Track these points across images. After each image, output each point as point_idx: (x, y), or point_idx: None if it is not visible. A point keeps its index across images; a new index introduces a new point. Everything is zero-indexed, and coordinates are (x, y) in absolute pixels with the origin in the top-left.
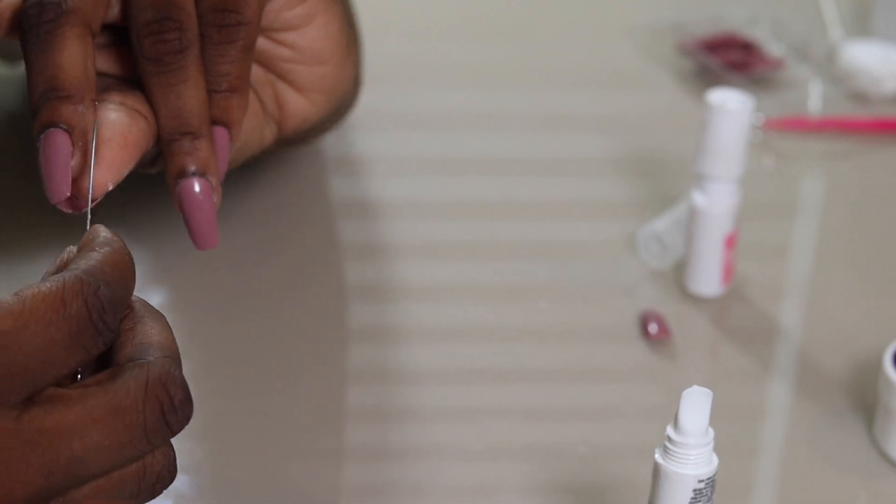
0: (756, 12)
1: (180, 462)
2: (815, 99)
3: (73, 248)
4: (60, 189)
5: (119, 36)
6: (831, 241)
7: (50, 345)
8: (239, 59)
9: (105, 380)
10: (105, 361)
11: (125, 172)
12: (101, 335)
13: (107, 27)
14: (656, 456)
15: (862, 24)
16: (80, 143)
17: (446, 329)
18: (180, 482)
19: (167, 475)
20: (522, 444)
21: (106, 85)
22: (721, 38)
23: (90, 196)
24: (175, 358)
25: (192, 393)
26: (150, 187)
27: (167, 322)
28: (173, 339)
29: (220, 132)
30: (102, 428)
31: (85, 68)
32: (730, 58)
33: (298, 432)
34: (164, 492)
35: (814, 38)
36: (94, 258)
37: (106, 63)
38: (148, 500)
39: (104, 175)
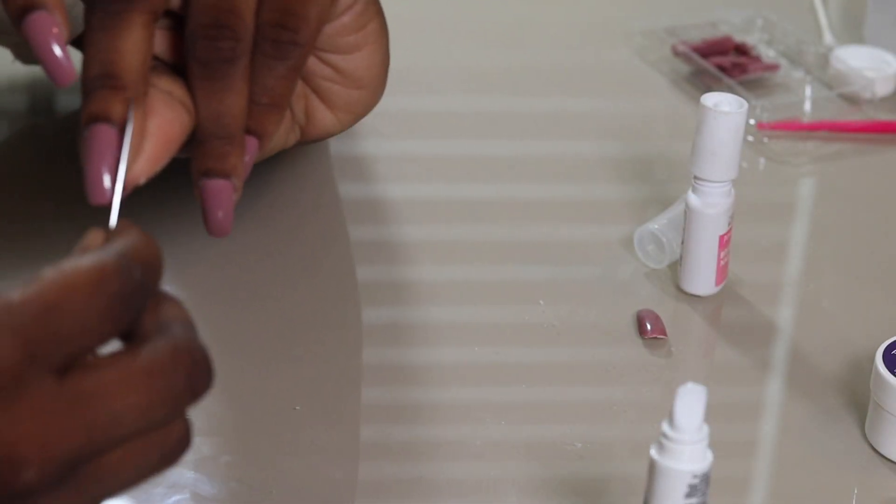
0: (751, 17)
1: (195, 459)
2: (807, 102)
3: (97, 231)
4: (101, 189)
5: (173, 20)
6: (824, 240)
7: (87, 316)
8: (285, 77)
9: (133, 348)
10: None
11: (160, 167)
12: (130, 314)
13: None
14: (652, 451)
15: (854, 31)
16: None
17: (445, 327)
18: (194, 480)
19: (186, 442)
20: (520, 441)
21: (155, 66)
22: (716, 43)
23: (121, 187)
24: (195, 330)
25: (210, 393)
26: (166, 183)
27: (183, 304)
28: (190, 316)
29: (251, 141)
30: (137, 389)
31: (144, 59)
32: (724, 61)
33: (303, 429)
34: (170, 487)
35: (807, 43)
36: (130, 243)
37: (158, 46)
38: (168, 467)
39: (141, 169)
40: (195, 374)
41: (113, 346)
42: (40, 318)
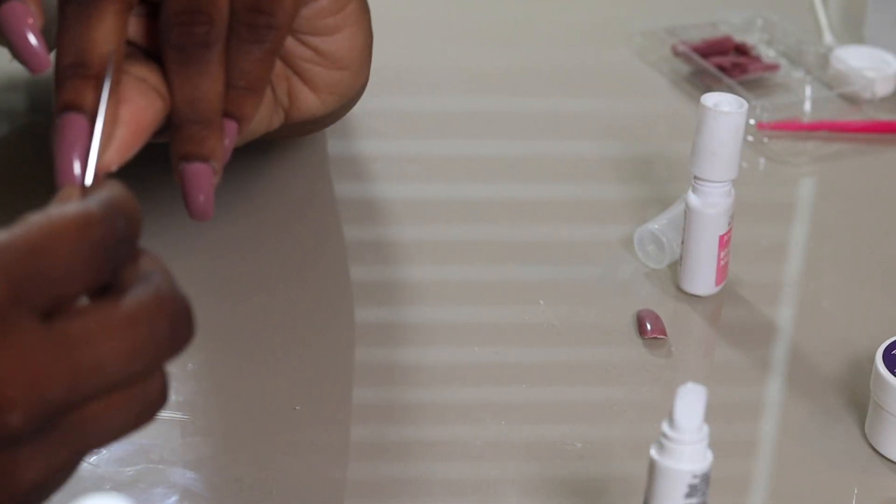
0: (751, 17)
1: (186, 458)
2: (807, 102)
3: (73, 187)
4: (71, 177)
5: (149, 6)
6: (824, 240)
7: (72, 260)
8: (262, 61)
9: (116, 296)
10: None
11: (132, 155)
12: (113, 262)
13: None
14: (652, 451)
15: (854, 31)
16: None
17: (445, 327)
18: (194, 479)
19: (164, 396)
20: (520, 441)
21: (129, 52)
22: (716, 43)
23: (91, 172)
24: (175, 281)
25: (199, 389)
26: (153, 176)
27: (161, 259)
28: (169, 269)
29: (229, 124)
30: (121, 335)
31: (117, 48)
32: (724, 61)
33: (303, 429)
34: (170, 487)
35: (807, 43)
36: (114, 194)
37: (133, 32)
38: (147, 422)
39: (113, 156)
40: (178, 323)
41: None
42: (26, 260)
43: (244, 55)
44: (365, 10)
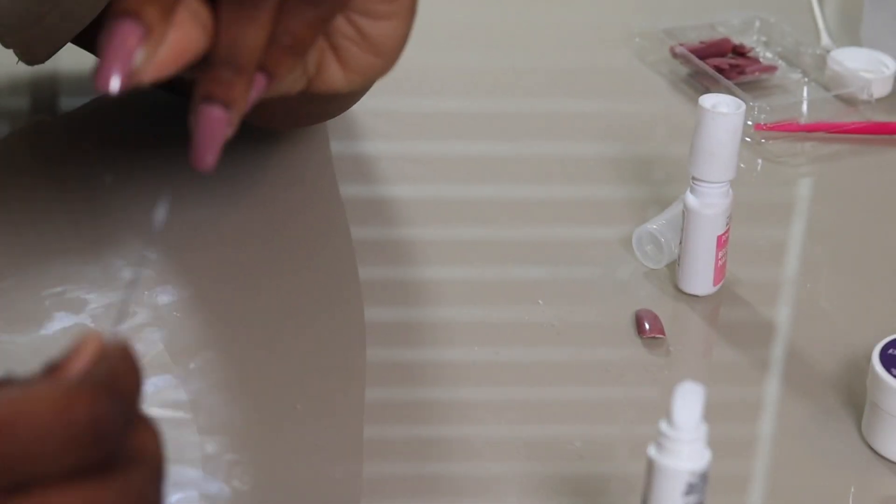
0: (749, 19)
1: (197, 458)
2: (805, 103)
3: (93, 337)
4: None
5: None
6: (821, 240)
7: (44, 444)
8: (312, 25)
9: (98, 477)
10: None
11: (165, 76)
12: (99, 447)
13: None
14: (650, 450)
15: (851, 33)
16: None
17: (446, 327)
18: (195, 478)
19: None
20: (519, 440)
21: None
22: (714, 44)
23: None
24: (160, 468)
25: (200, 388)
26: (157, 178)
27: (159, 431)
28: (162, 448)
29: (259, 77)
30: None
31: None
32: (722, 63)
33: (304, 428)
34: (171, 486)
35: (805, 45)
36: (107, 367)
37: None
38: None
39: (149, 71)
40: None
41: None
42: None
43: (297, 14)
44: (414, 7)
